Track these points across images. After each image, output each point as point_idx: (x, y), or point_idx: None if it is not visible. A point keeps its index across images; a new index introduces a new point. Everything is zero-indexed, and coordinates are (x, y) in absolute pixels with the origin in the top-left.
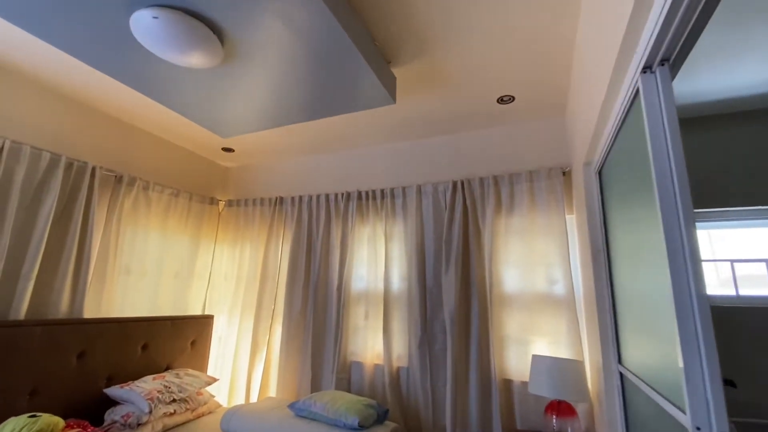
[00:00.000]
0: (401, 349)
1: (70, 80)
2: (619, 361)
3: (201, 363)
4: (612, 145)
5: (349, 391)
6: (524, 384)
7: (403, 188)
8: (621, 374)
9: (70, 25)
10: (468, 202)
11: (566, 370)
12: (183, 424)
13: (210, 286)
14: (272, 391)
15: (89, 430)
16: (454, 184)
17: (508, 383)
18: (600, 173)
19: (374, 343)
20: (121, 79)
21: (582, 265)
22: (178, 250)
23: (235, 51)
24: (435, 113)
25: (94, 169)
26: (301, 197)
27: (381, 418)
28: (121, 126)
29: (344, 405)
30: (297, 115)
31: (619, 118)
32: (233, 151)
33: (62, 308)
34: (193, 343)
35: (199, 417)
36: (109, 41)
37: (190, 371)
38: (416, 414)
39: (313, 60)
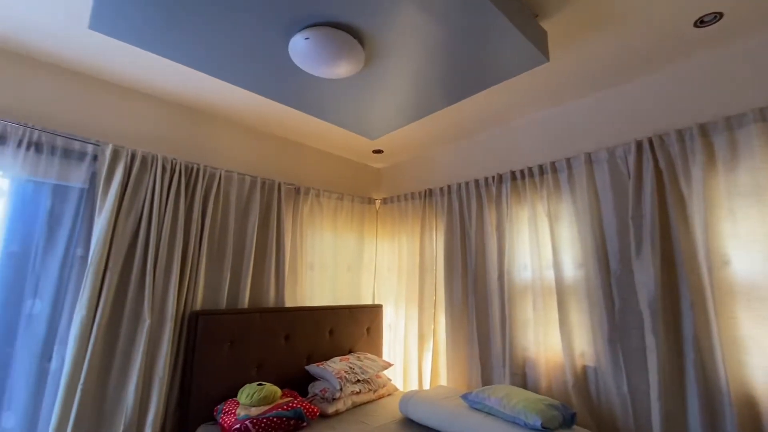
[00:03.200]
0: (585, 346)
1: (255, 115)
2: None
3: (376, 349)
4: None
5: (524, 387)
6: None
7: (567, 160)
8: None
9: (248, 66)
10: (662, 163)
11: None
12: (367, 403)
13: (376, 277)
14: (443, 380)
15: (298, 399)
16: (638, 144)
17: (749, 401)
18: None
19: (548, 337)
20: (287, 102)
21: None
22: (347, 247)
23: (374, 51)
24: (600, 62)
25: (279, 184)
26: (449, 186)
27: (567, 421)
28: (293, 145)
29: (522, 402)
30: (441, 100)
31: None
32: (382, 152)
33: (270, 299)
34: (368, 329)
35: (380, 398)
36: (277, 72)
37: (369, 355)
38: (612, 422)
39: (452, 37)
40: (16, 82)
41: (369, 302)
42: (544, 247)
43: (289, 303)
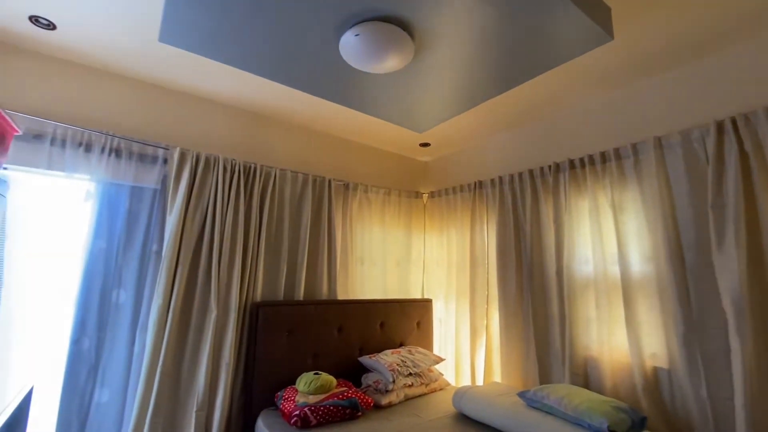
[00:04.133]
0: (656, 346)
1: (307, 114)
2: None
3: (426, 343)
4: None
5: (586, 388)
6: None
7: (633, 145)
8: None
9: (301, 67)
10: (747, 146)
11: None
12: (419, 396)
13: (425, 272)
14: (496, 377)
15: (353, 389)
16: (719, 125)
17: None
18: None
19: (613, 336)
20: (337, 100)
21: None
22: (395, 242)
23: (424, 42)
24: (672, 37)
25: (330, 181)
26: (501, 177)
27: (637, 426)
28: (341, 143)
29: (586, 404)
30: (493, 88)
31: None
32: (429, 145)
33: (324, 291)
34: (418, 324)
35: (432, 392)
36: (328, 71)
37: (420, 349)
38: (688, 429)
39: (506, 19)
40: (97, 94)
41: (418, 296)
42: (608, 240)
43: (340, 296)
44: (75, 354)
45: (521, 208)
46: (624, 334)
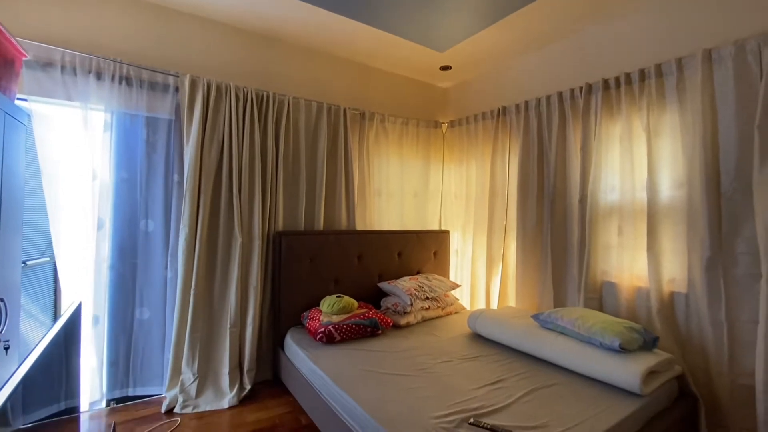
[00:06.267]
0: (675, 272)
1: (320, 36)
2: None
3: (443, 271)
4: None
5: (600, 311)
6: None
7: (678, 60)
8: None
9: None
10: None
11: None
12: (436, 318)
13: (443, 204)
14: (511, 302)
15: (373, 311)
16: None
17: None
18: None
19: (633, 262)
20: (353, 15)
21: None
22: (413, 173)
23: None
24: None
25: (345, 110)
26: (527, 102)
27: (648, 344)
28: (357, 68)
29: (599, 324)
30: None
31: None
32: (450, 68)
33: (342, 222)
34: (435, 253)
35: (448, 315)
36: None
37: (437, 276)
38: (701, 350)
39: None
40: (101, 18)
41: (435, 228)
42: (638, 167)
43: (359, 227)
44: (115, 277)
45: (546, 135)
46: (644, 260)
